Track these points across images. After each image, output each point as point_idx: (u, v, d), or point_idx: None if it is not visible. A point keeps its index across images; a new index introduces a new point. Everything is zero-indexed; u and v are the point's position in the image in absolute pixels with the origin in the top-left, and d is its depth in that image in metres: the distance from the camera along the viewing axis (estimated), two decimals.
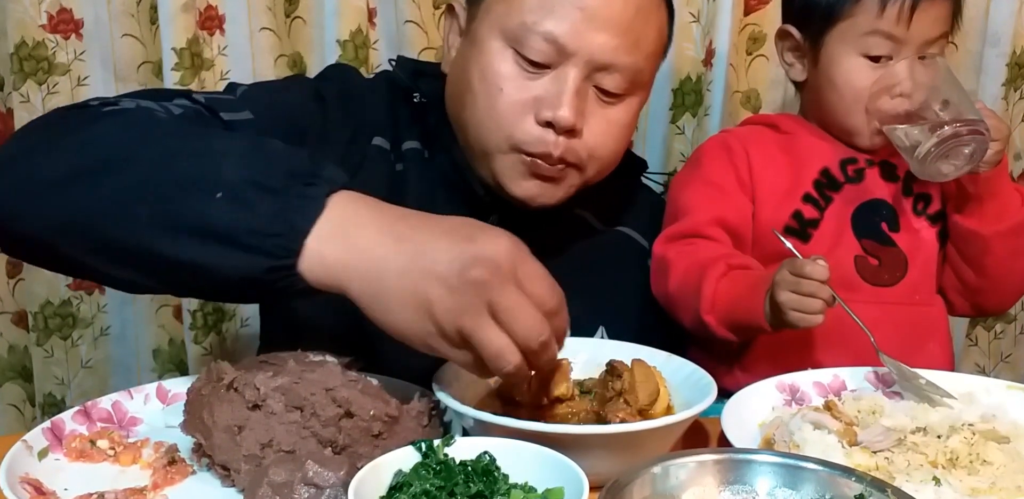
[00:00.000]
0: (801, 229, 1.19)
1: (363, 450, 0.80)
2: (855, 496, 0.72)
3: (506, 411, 0.89)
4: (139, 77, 1.55)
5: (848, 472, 0.74)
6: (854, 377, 1.04)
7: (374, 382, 0.86)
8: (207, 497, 0.81)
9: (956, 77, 1.13)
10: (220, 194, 0.78)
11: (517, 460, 0.76)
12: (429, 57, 1.60)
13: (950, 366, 1.23)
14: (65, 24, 1.50)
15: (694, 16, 1.62)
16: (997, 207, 1.17)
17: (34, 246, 0.87)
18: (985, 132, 1.06)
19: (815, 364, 1.08)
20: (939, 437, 0.88)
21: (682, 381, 0.93)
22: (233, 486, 0.81)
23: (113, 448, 0.87)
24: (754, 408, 0.97)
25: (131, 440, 0.89)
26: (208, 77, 1.53)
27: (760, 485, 0.75)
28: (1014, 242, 1.18)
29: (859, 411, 0.95)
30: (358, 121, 1.14)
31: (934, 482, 0.81)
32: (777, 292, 1.00)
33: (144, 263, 0.82)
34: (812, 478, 0.75)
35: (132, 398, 0.94)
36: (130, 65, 1.55)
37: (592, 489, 0.71)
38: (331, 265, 0.78)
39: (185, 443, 0.86)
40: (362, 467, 0.74)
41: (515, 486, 0.75)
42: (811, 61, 1.21)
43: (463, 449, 0.78)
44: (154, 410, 0.94)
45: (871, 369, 1.04)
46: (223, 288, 0.85)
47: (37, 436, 0.85)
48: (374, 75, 1.25)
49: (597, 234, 1.24)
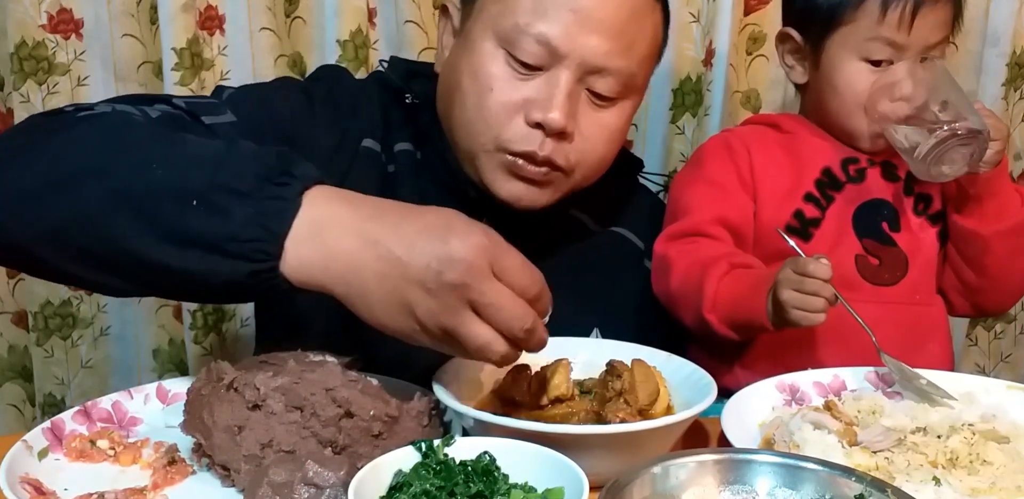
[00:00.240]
0: (802, 228, 1.19)
1: (363, 450, 0.80)
2: (855, 496, 0.72)
3: (506, 411, 0.89)
4: (139, 77, 1.55)
5: (848, 472, 0.74)
6: (854, 377, 1.04)
7: (374, 382, 0.86)
8: (207, 497, 0.81)
9: (954, 78, 1.13)
10: (195, 201, 0.79)
11: (517, 460, 0.76)
12: (429, 57, 1.59)
13: (950, 366, 1.23)
14: (65, 24, 1.50)
15: (694, 16, 1.62)
16: (997, 207, 1.17)
17: (17, 255, 0.86)
18: (984, 132, 1.06)
19: (816, 363, 1.08)
20: (939, 437, 0.88)
21: (682, 381, 0.93)
22: (233, 486, 0.81)
23: (113, 448, 0.87)
24: (754, 408, 0.97)
25: (131, 440, 0.89)
26: (208, 77, 1.53)
27: (760, 485, 0.75)
28: (1014, 242, 1.18)
29: (859, 411, 0.95)
30: (347, 122, 1.13)
31: (934, 482, 0.81)
32: (780, 290, 1.00)
33: (127, 270, 0.82)
34: (812, 478, 0.75)
35: (132, 398, 0.94)
36: (130, 65, 1.55)
37: (592, 489, 0.71)
38: (311, 267, 0.79)
39: (185, 443, 0.86)
40: (362, 467, 0.74)
41: (515, 486, 0.75)
42: (812, 64, 1.21)
43: (463, 449, 0.78)
44: (154, 410, 0.94)
45: (871, 369, 1.04)
46: (208, 292, 0.86)
47: (37, 436, 0.85)
48: (367, 76, 1.25)
49: (592, 235, 1.23)
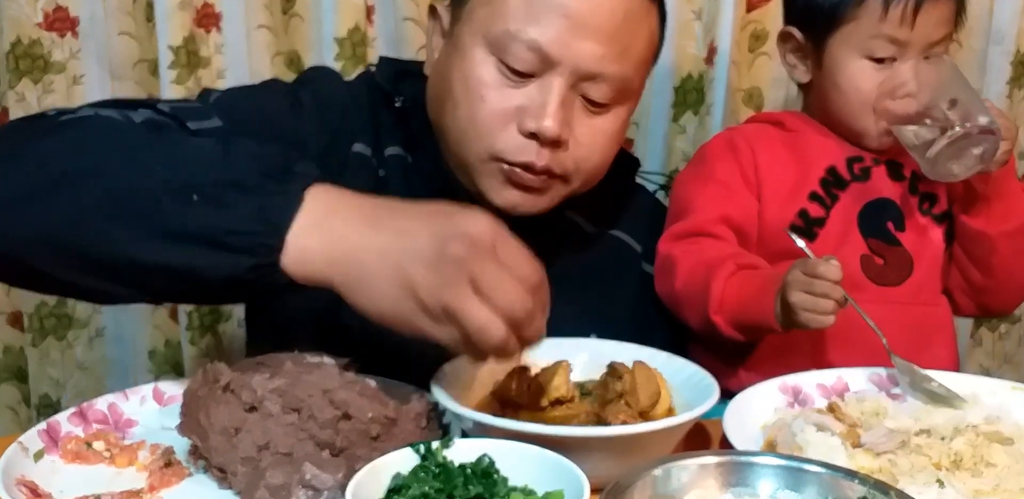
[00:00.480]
0: (807, 228, 1.18)
1: (361, 452, 0.80)
2: (858, 498, 0.71)
3: (506, 413, 0.89)
4: (135, 75, 1.55)
5: (851, 474, 0.74)
6: (857, 379, 1.03)
7: (372, 384, 0.86)
8: None
9: (963, 75, 1.12)
10: (196, 197, 0.78)
11: (517, 462, 0.76)
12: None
13: (955, 366, 1.22)
14: (61, 22, 1.49)
15: (696, 14, 1.62)
16: (1004, 207, 1.16)
17: (8, 266, 0.85)
18: (996, 132, 1.05)
19: (822, 365, 1.08)
20: (943, 439, 0.88)
21: (683, 383, 0.93)
22: (230, 488, 0.80)
23: (109, 450, 0.86)
24: (756, 410, 0.97)
25: (127, 442, 0.89)
26: (205, 75, 1.53)
27: (762, 488, 0.75)
28: (1021, 242, 1.18)
29: (862, 413, 0.95)
30: (336, 127, 1.11)
31: (938, 484, 0.81)
32: (789, 292, 0.99)
33: (125, 272, 0.81)
34: (815, 480, 0.74)
35: (128, 400, 0.94)
36: (126, 63, 1.54)
37: (593, 491, 0.70)
38: (312, 258, 0.78)
39: (181, 445, 0.86)
40: (360, 469, 0.74)
41: (515, 488, 0.74)
42: (814, 63, 1.20)
43: (462, 451, 0.77)
44: (150, 412, 0.94)
45: (874, 370, 1.04)
46: (206, 290, 0.85)
47: (33, 438, 0.84)
48: (355, 77, 1.22)
49: (588, 238, 1.22)
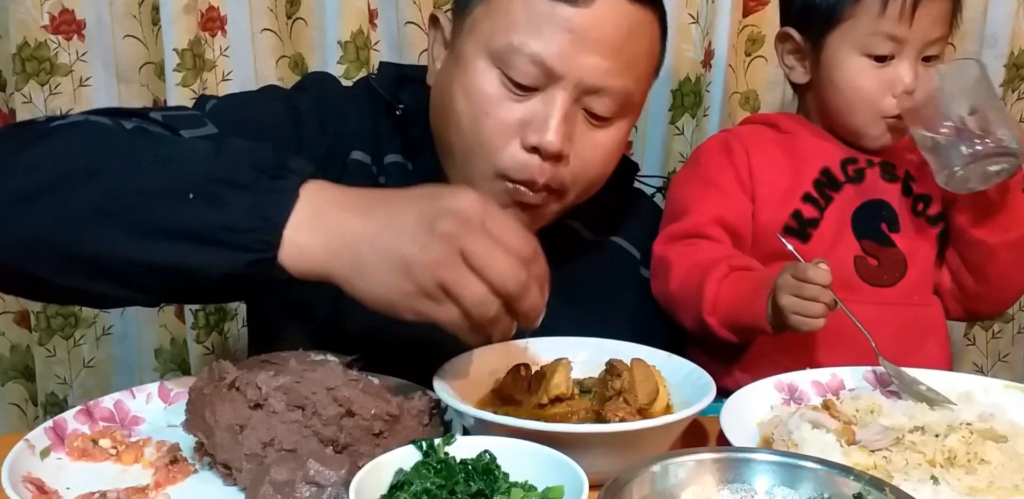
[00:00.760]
0: (800, 229, 1.18)
1: (364, 449, 0.81)
2: (853, 495, 0.72)
3: (506, 410, 0.90)
4: (141, 78, 1.56)
5: (846, 471, 0.74)
6: (852, 376, 1.04)
7: (375, 381, 0.86)
8: (209, 496, 0.81)
9: (991, 83, 1.09)
10: (192, 195, 0.78)
11: (517, 459, 0.77)
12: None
13: (948, 366, 1.22)
14: (67, 25, 1.50)
15: (693, 17, 1.63)
16: (1008, 217, 1.16)
17: (6, 274, 0.84)
18: (1017, 155, 1.04)
19: (815, 365, 1.08)
20: (937, 436, 0.88)
21: (681, 380, 0.94)
22: (235, 485, 0.81)
23: (115, 447, 0.87)
24: (753, 407, 0.97)
25: (133, 439, 0.89)
26: (210, 78, 1.54)
27: (759, 484, 0.75)
28: (1020, 252, 1.18)
29: (857, 410, 0.95)
30: (335, 134, 1.10)
31: (932, 481, 0.81)
32: (779, 296, 1.00)
33: (119, 273, 0.81)
34: (810, 477, 0.75)
35: (134, 397, 0.95)
36: (132, 66, 1.55)
37: (592, 488, 0.71)
38: (309, 251, 0.79)
39: (187, 442, 0.86)
40: (363, 466, 0.74)
41: (515, 485, 0.75)
42: (813, 63, 1.20)
43: (463, 448, 0.78)
44: (156, 409, 0.94)
45: (869, 368, 1.04)
46: (204, 288, 0.85)
47: (39, 435, 0.85)
48: (354, 83, 1.21)
49: (588, 245, 1.21)
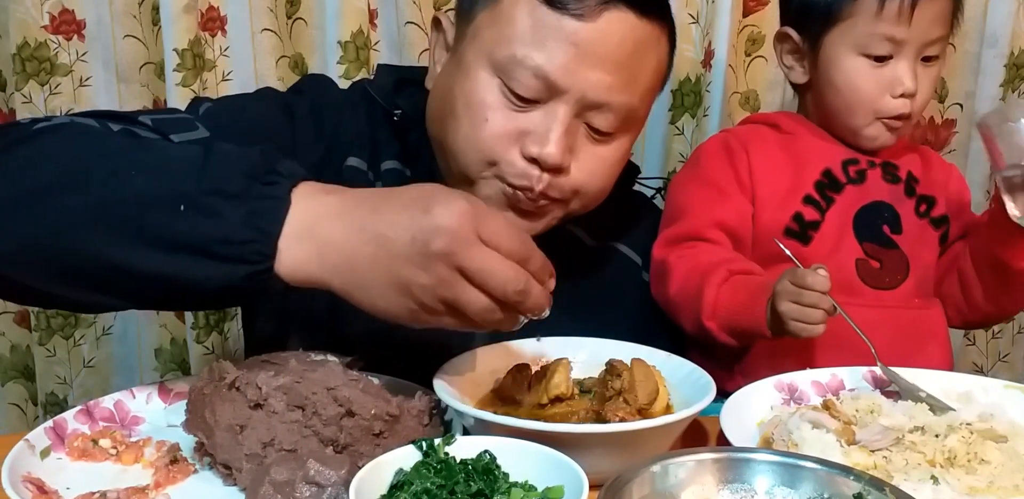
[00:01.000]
0: (802, 231, 1.17)
1: (364, 449, 0.81)
2: (853, 495, 0.72)
3: (506, 410, 0.90)
4: (141, 78, 1.56)
5: (846, 471, 0.75)
6: (852, 376, 1.04)
7: (375, 381, 0.86)
8: (209, 496, 0.81)
9: None
10: (184, 206, 0.77)
11: (517, 459, 0.77)
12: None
13: (949, 368, 1.22)
14: (67, 25, 1.50)
15: (693, 17, 1.63)
16: None
17: None
18: None
19: (816, 368, 1.08)
20: (937, 436, 0.88)
21: (681, 380, 0.94)
22: (235, 485, 0.81)
23: (115, 447, 0.87)
24: (753, 407, 0.97)
25: (133, 439, 0.89)
26: (210, 78, 1.54)
27: (759, 484, 0.75)
28: None
29: (857, 410, 0.95)
30: (331, 139, 1.09)
31: (932, 481, 0.81)
32: (778, 302, 1.00)
33: (115, 283, 0.80)
34: (810, 477, 0.75)
35: (134, 397, 0.95)
36: (132, 66, 1.55)
37: (592, 488, 0.71)
38: (305, 264, 0.79)
39: (187, 442, 0.86)
40: (363, 466, 0.74)
41: (515, 485, 0.75)
42: (811, 63, 1.20)
43: (464, 448, 0.78)
44: (156, 409, 0.94)
45: (869, 368, 1.04)
46: (201, 298, 0.84)
47: (39, 435, 0.85)
48: (351, 85, 1.20)
49: (588, 251, 1.20)
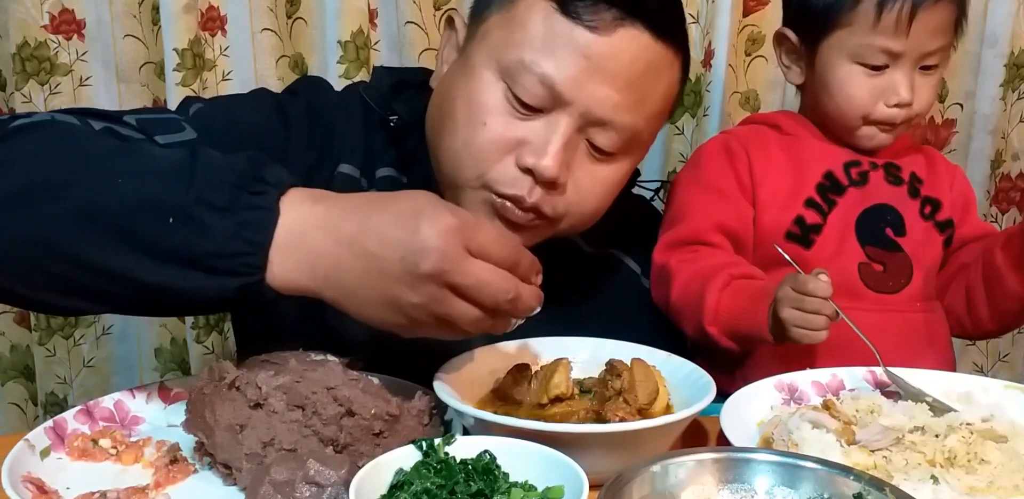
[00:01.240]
0: (803, 234, 1.16)
1: (364, 449, 0.81)
2: (853, 495, 0.72)
3: (506, 410, 0.90)
4: (141, 78, 1.56)
5: (846, 471, 0.75)
6: (852, 377, 1.04)
7: (375, 381, 0.86)
8: (209, 496, 0.81)
9: None
10: (172, 219, 0.76)
11: (517, 459, 0.77)
12: (429, 58, 1.60)
13: (951, 368, 1.21)
14: (67, 25, 1.50)
15: (693, 17, 1.63)
16: None
17: None
18: None
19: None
20: (937, 436, 0.88)
21: (681, 380, 0.94)
22: (235, 485, 0.81)
23: (115, 447, 0.87)
24: (753, 407, 0.97)
25: (133, 439, 0.89)
26: (210, 78, 1.54)
27: (759, 484, 0.76)
28: None
29: (857, 410, 0.95)
30: (324, 144, 1.07)
31: (932, 481, 0.81)
32: (780, 309, 1.00)
33: (99, 291, 0.79)
34: (810, 477, 0.75)
35: (134, 397, 0.95)
36: (132, 66, 1.55)
37: (592, 487, 0.71)
38: (296, 274, 0.79)
39: (187, 442, 0.86)
40: (363, 466, 0.74)
41: (515, 484, 0.75)
42: (807, 65, 1.20)
43: (464, 448, 0.78)
44: (156, 409, 0.94)
45: (869, 369, 1.04)
46: (189, 307, 0.84)
47: (39, 435, 0.85)
48: (345, 88, 1.17)
49: (587, 259, 1.18)
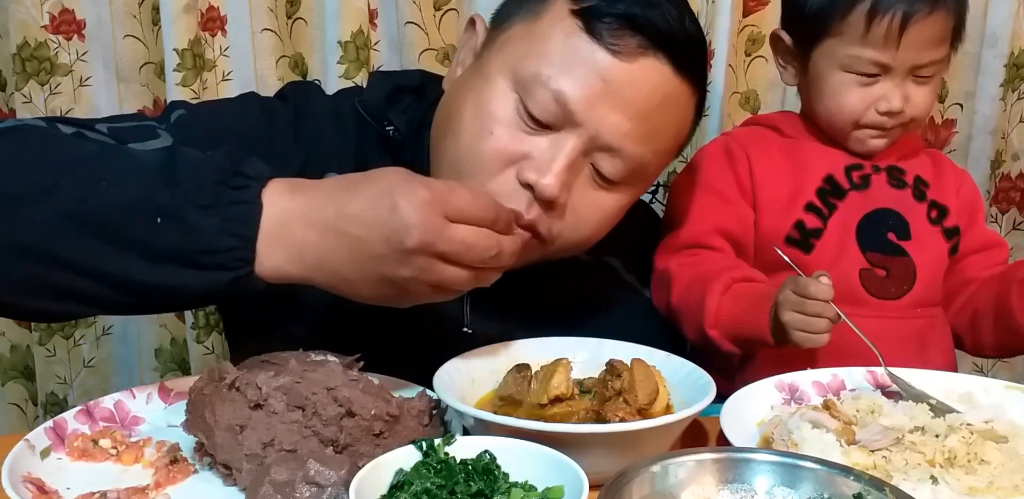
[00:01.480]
0: (803, 239, 1.16)
1: (364, 449, 0.81)
2: (853, 495, 0.72)
3: (506, 410, 0.90)
4: (141, 78, 1.56)
5: (847, 471, 0.75)
6: (853, 377, 1.04)
7: (375, 381, 0.86)
8: (209, 496, 0.81)
9: None
10: (160, 219, 0.78)
11: (517, 459, 0.77)
12: (429, 58, 1.60)
13: (952, 370, 1.21)
14: (67, 25, 1.50)
15: None
16: None
17: None
18: None
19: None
20: (937, 436, 0.88)
21: (681, 380, 0.94)
22: (235, 485, 0.81)
23: (115, 447, 0.87)
24: (753, 407, 0.97)
25: (133, 439, 0.89)
26: (210, 78, 1.54)
27: (759, 484, 0.76)
28: None
29: (857, 410, 0.95)
30: (310, 150, 1.05)
31: (931, 481, 0.81)
32: (781, 312, 0.99)
33: (90, 294, 0.80)
34: (810, 477, 0.75)
35: (134, 397, 0.94)
36: (132, 66, 1.56)
37: (592, 488, 0.71)
38: (286, 264, 0.81)
39: (187, 442, 0.86)
40: (363, 466, 0.74)
41: (515, 485, 0.75)
42: (801, 68, 1.20)
43: (464, 448, 0.78)
44: (156, 409, 0.94)
45: (869, 369, 1.04)
46: (183, 304, 0.85)
47: (39, 435, 0.85)
48: (338, 93, 1.15)
49: (583, 266, 1.14)
